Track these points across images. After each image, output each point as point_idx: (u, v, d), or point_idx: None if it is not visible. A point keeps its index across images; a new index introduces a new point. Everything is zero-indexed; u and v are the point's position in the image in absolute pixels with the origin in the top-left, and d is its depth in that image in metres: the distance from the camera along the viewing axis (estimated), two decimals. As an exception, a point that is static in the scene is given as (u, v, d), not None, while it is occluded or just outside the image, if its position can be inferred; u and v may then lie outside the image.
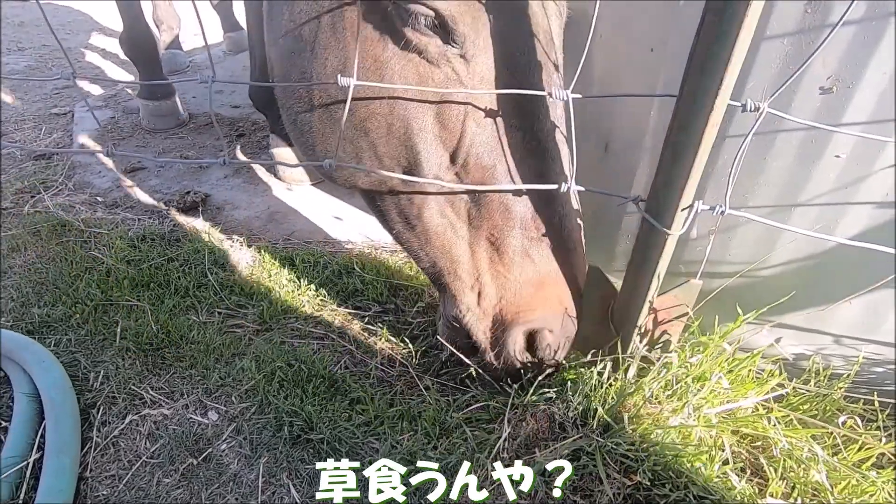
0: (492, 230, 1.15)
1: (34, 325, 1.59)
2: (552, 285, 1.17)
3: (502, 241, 1.15)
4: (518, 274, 1.16)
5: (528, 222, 1.15)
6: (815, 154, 1.19)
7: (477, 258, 1.18)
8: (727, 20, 0.84)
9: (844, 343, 1.40)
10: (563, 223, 1.17)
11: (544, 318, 1.17)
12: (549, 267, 1.17)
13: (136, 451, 1.25)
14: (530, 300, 1.16)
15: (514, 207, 1.14)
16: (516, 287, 1.16)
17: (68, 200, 2.40)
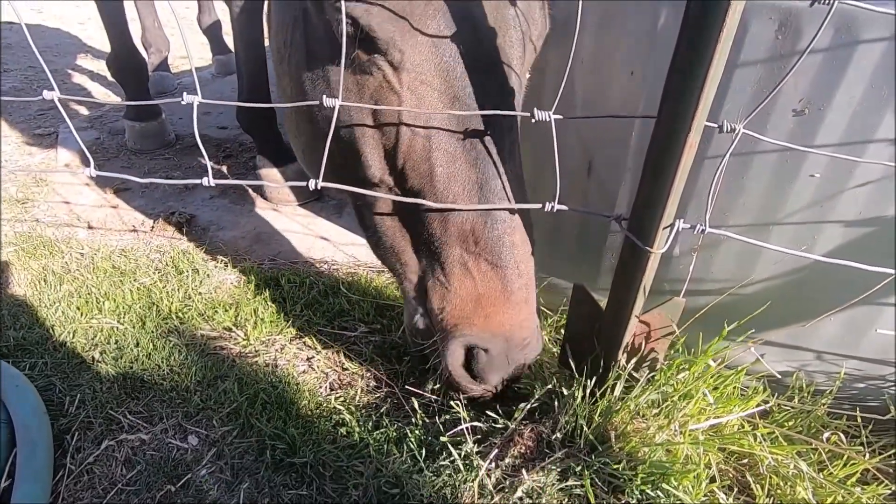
0: (431, 240, 1.15)
1: (9, 349, 1.55)
2: (494, 305, 1.14)
3: (441, 252, 1.15)
4: (458, 286, 1.14)
5: (466, 236, 1.13)
6: (791, 174, 1.23)
7: (422, 265, 1.19)
8: (702, 45, 0.87)
9: (826, 359, 1.42)
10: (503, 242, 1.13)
11: (481, 336, 1.13)
12: (489, 286, 1.13)
13: (112, 478, 1.20)
14: (469, 314, 1.14)
15: (452, 219, 1.12)
16: (456, 300, 1.15)
17: (50, 220, 2.37)
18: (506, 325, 1.13)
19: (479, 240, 1.12)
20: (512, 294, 1.13)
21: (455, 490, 1.16)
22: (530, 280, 1.18)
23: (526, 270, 1.16)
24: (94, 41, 5.57)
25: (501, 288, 1.13)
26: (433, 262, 1.16)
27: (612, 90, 1.39)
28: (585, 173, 1.55)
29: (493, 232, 1.12)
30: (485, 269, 1.13)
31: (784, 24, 1.11)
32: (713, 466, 1.13)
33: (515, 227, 1.15)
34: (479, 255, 1.12)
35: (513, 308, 1.14)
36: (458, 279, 1.14)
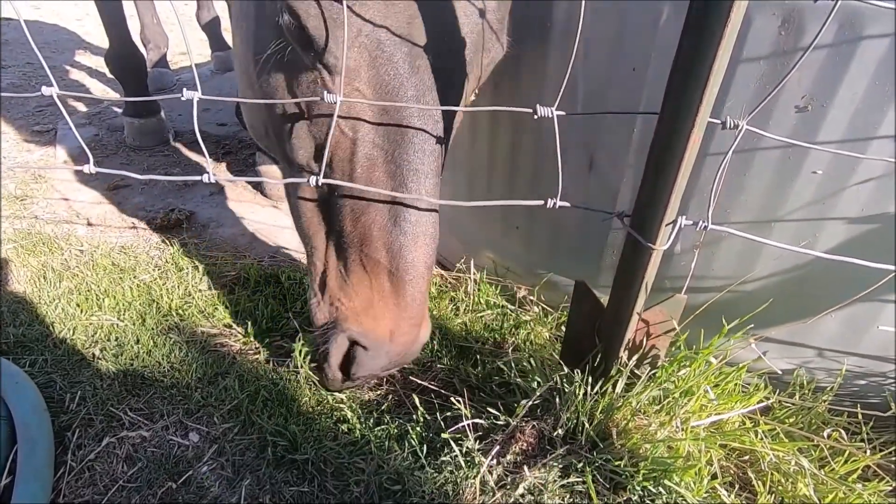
0: (340, 233, 1.18)
1: (9, 345, 1.54)
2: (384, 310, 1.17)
3: (346, 247, 1.18)
4: (355, 282, 1.18)
5: (370, 240, 1.15)
6: (793, 171, 1.22)
7: (328, 255, 1.23)
8: (705, 42, 0.87)
9: (827, 356, 1.42)
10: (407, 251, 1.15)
11: (364, 335, 1.17)
12: (384, 290, 1.16)
13: (113, 475, 1.20)
14: (360, 313, 1.17)
15: (361, 219, 1.15)
16: (351, 294, 1.18)
17: (49, 217, 2.36)
18: (391, 331, 1.17)
19: (383, 246, 1.15)
20: (404, 303, 1.17)
21: (457, 487, 1.16)
22: (425, 292, 1.21)
23: (422, 283, 1.19)
24: (92, 37, 5.54)
25: (395, 296, 1.16)
26: (339, 254, 1.21)
27: (614, 85, 1.38)
28: (587, 170, 1.54)
29: (397, 242, 1.15)
30: (383, 276, 1.16)
31: (787, 20, 1.10)
32: (715, 463, 1.13)
33: (419, 243, 1.17)
34: (379, 260, 1.16)
35: (401, 316, 1.17)
36: (357, 277, 1.18)
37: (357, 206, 1.15)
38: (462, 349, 1.64)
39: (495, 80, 1.67)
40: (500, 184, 1.81)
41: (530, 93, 1.58)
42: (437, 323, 1.74)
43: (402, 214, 1.15)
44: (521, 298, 1.83)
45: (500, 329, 1.70)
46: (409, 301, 1.17)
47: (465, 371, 1.52)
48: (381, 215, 1.14)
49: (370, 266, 1.16)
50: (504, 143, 1.73)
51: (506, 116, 1.67)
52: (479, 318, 1.78)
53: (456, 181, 1.98)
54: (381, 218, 1.14)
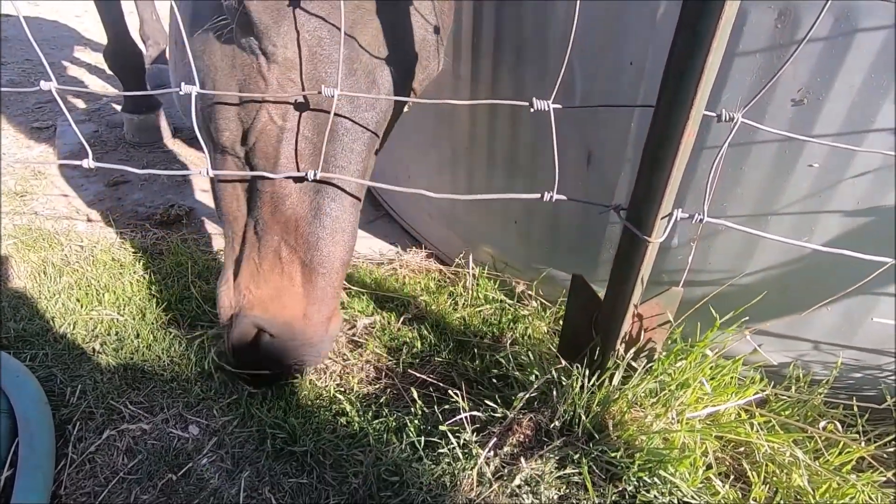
0: (258, 219, 1.18)
1: (10, 340, 1.55)
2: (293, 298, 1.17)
3: (263, 234, 1.18)
4: (267, 270, 1.18)
5: (289, 229, 1.16)
6: (789, 164, 1.23)
7: (245, 241, 1.23)
8: (700, 35, 0.87)
9: (823, 349, 1.43)
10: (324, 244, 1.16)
11: (270, 322, 1.17)
12: (296, 280, 1.17)
13: (114, 467, 1.21)
14: (268, 300, 1.17)
15: (280, 208, 1.15)
16: (262, 283, 1.18)
17: (49, 213, 2.37)
18: (298, 319, 1.17)
19: (300, 238, 1.16)
20: (314, 296, 1.17)
21: (454, 478, 1.17)
22: (338, 287, 1.22)
23: (335, 278, 1.20)
24: (91, 34, 5.53)
25: (306, 287, 1.17)
26: (255, 242, 1.20)
27: (611, 79, 1.39)
28: (584, 164, 1.55)
29: (314, 235, 1.16)
30: (296, 265, 1.17)
31: (783, 12, 1.11)
32: (710, 454, 1.14)
33: (337, 238, 1.18)
34: (295, 251, 1.16)
35: (310, 307, 1.18)
36: (270, 264, 1.18)
37: (278, 194, 1.15)
38: (460, 343, 1.65)
39: (495, 75, 1.67)
40: (499, 178, 1.82)
41: (530, 87, 1.58)
42: (436, 317, 1.75)
43: (323, 208, 1.15)
44: (520, 293, 1.84)
45: (498, 323, 1.71)
46: (319, 294, 1.18)
47: (464, 365, 1.53)
48: (301, 206, 1.15)
49: (285, 255, 1.17)
50: (503, 138, 1.73)
51: (505, 111, 1.68)
52: (477, 313, 1.78)
53: (455, 176, 1.99)
54: (301, 209, 1.15)
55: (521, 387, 1.33)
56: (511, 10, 1.53)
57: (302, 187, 1.15)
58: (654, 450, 1.12)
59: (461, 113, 1.83)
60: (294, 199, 1.15)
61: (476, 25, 1.65)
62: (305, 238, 1.15)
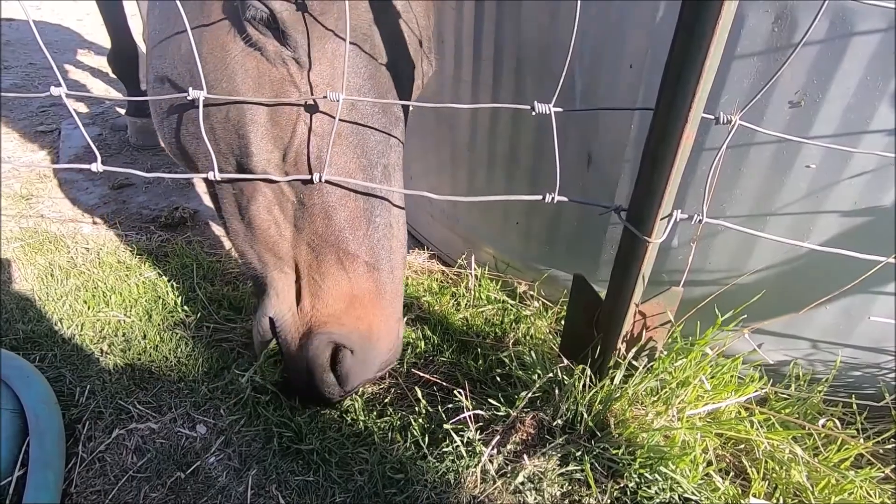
0: (312, 236, 1.14)
1: (18, 341, 1.57)
2: (364, 307, 1.14)
3: (320, 248, 1.14)
4: (331, 285, 1.14)
5: (346, 236, 1.13)
6: (787, 165, 1.25)
7: (298, 261, 1.17)
8: (698, 37, 0.89)
9: (822, 348, 1.45)
10: (382, 245, 1.16)
11: (349, 337, 1.13)
12: (363, 287, 1.14)
13: (123, 466, 1.23)
14: (340, 315, 1.13)
15: (334, 217, 1.13)
16: (328, 299, 1.14)
17: (55, 216, 2.39)
18: (375, 328, 1.15)
19: (361, 241, 1.14)
20: (384, 298, 1.15)
21: (458, 475, 1.19)
22: (401, 285, 1.20)
23: (399, 276, 1.19)
24: (94, 37, 5.57)
25: (375, 291, 1.14)
26: (309, 258, 1.15)
27: (611, 82, 1.41)
28: (585, 165, 1.57)
29: (375, 234, 1.15)
30: (361, 271, 1.14)
31: (780, 16, 1.13)
32: (710, 451, 1.16)
33: (395, 233, 1.18)
34: (356, 256, 1.13)
35: (384, 312, 1.16)
36: (334, 278, 1.13)
37: (330, 204, 1.12)
38: (463, 343, 1.66)
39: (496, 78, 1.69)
40: (500, 180, 1.84)
41: (531, 89, 1.60)
42: (439, 318, 1.77)
43: (378, 209, 1.15)
44: (522, 293, 1.86)
45: (500, 323, 1.73)
46: (389, 298, 1.16)
47: (467, 364, 1.55)
48: (357, 211, 1.13)
49: (348, 263, 1.13)
50: (504, 139, 1.75)
51: (506, 113, 1.70)
52: (479, 313, 1.80)
53: (456, 177, 2.01)
54: (357, 213, 1.14)
55: (523, 386, 1.35)
56: (511, 12, 1.55)
57: (349, 195, 1.13)
58: (654, 447, 1.13)
59: (462, 115, 1.85)
60: (348, 203, 1.13)
61: (477, 28, 1.68)
62: (366, 241, 1.13)
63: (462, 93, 1.83)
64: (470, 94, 1.79)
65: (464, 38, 1.73)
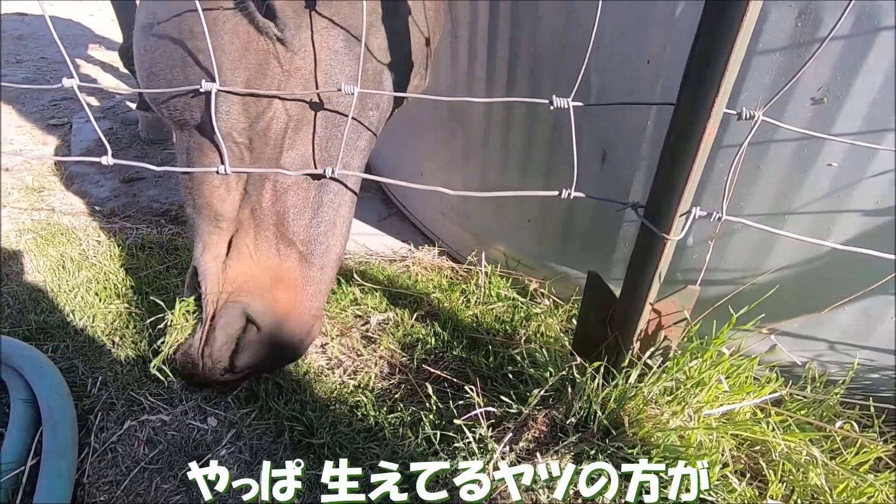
0: (257, 206, 1.16)
1: (31, 332, 1.58)
2: (286, 292, 1.15)
3: (261, 220, 1.15)
4: (262, 258, 1.16)
5: (289, 219, 1.14)
6: (808, 162, 1.23)
7: (238, 221, 1.19)
8: (722, 31, 0.87)
9: (840, 349, 1.43)
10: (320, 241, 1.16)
11: (263, 314, 1.14)
12: (291, 273, 1.15)
13: (135, 457, 1.23)
14: (261, 289, 1.15)
15: (283, 198, 1.14)
16: (255, 269, 1.16)
17: (67, 209, 2.40)
18: (291, 314, 1.16)
19: (301, 229, 1.15)
20: (307, 291, 1.16)
21: (470, 472, 1.18)
22: (328, 286, 1.21)
23: (328, 276, 1.20)
24: (104, 32, 5.60)
25: (301, 281, 1.16)
26: (250, 224, 1.17)
27: (628, 77, 1.39)
28: (600, 162, 1.55)
29: (316, 228, 1.16)
30: (293, 257, 1.15)
31: (804, 11, 1.11)
32: (726, 452, 1.14)
33: (336, 232, 1.19)
34: (293, 243, 1.15)
35: (303, 303, 1.17)
36: (266, 252, 1.16)
37: (281, 184, 1.14)
38: (473, 340, 1.65)
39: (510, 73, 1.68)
40: (513, 177, 1.82)
41: (546, 86, 1.59)
42: (449, 314, 1.76)
43: (325, 202, 1.15)
44: (533, 291, 1.85)
45: (511, 321, 1.72)
46: (313, 289, 1.17)
47: (478, 361, 1.54)
48: (304, 199, 1.14)
49: (282, 246, 1.15)
50: (518, 135, 1.74)
51: (520, 109, 1.68)
52: (489, 310, 1.79)
53: (468, 174, 2.00)
54: (303, 201, 1.14)
55: (535, 383, 1.34)
56: (527, 8, 1.54)
57: (303, 182, 1.15)
58: (670, 447, 1.12)
59: (476, 111, 1.83)
60: (298, 190, 1.14)
61: (492, 24, 1.66)
62: (306, 231, 1.15)
63: (476, 89, 1.81)
64: (484, 91, 1.78)
65: (479, 35, 1.72)
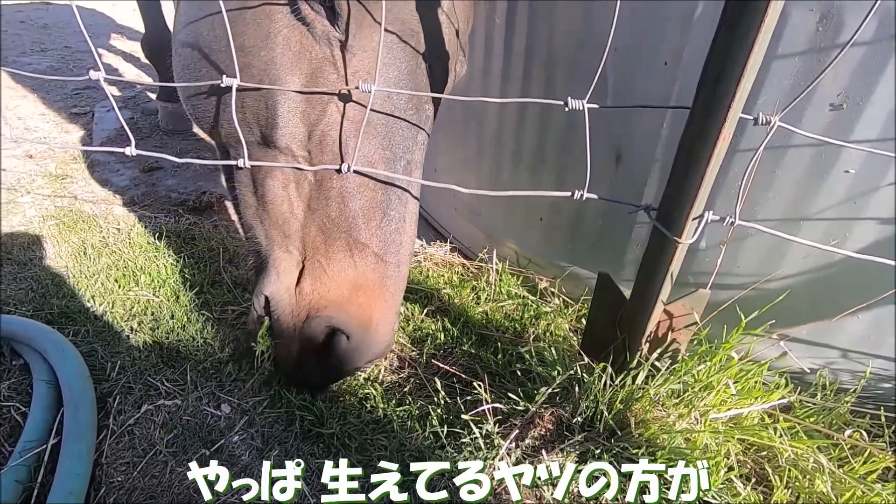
0: (325, 219, 1.14)
1: (53, 316, 1.63)
2: (367, 297, 1.14)
3: (330, 232, 1.14)
4: (337, 271, 1.14)
5: (359, 224, 1.13)
6: (825, 169, 1.22)
7: (305, 242, 1.17)
8: (741, 34, 0.87)
9: (851, 357, 1.41)
10: (393, 239, 1.16)
11: (348, 324, 1.14)
12: (369, 277, 1.14)
13: (151, 440, 1.27)
14: (342, 301, 1.14)
15: (351, 204, 1.13)
16: (332, 284, 1.14)
17: (88, 196, 2.46)
18: (376, 318, 1.15)
19: (374, 232, 1.14)
20: (388, 291, 1.16)
21: (476, 467, 1.20)
22: (405, 282, 1.21)
23: (404, 272, 1.19)
24: (126, 22, 5.68)
25: (380, 283, 1.15)
26: (318, 240, 1.15)
27: (644, 79, 1.39)
28: (613, 163, 1.55)
29: (388, 227, 1.15)
30: (369, 261, 1.14)
31: (826, 15, 1.10)
32: (732, 456, 1.15)
33: (406, 229, 1.19)
34: (366, 246, 1.14)
35: (386, 304, 1.16)
36: (340, 263, 1.14)
37: (348, 190, 1.13)
38: (482, 337, 1.67)
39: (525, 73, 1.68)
40: (525, 175, 1.83)
41: (560, 85, 1.59)
42: (458, 310, 1.77)
43: (395, 202, 1.16)
44: (542, 290, 1.85)
45: (520, 319, 1.73)
46: (392, 291, 1.17)
47: (486, 357, 1.55)
48: (374, 201, 1.14)
49: (357, 252, 1.13)
50: (531, 134, 1.74)
51: (534, 108, 1.69)
52: (499, 308, 1.80)
53: (481, 172, 2.01)
54: (373, 204, 1.14)
55: (542, 382, 1.35)
56: (544, 9, 1.54)
57: (368, 184, 1.14)
58: (676, 449, 1.13)
59: (490, 109, 1.84)
60: (364, 192, 1.13)
61: (509, 23, 1.67)
62: (378, 232, 1.14)
63: (491, 86, 1.82)
64: (499, 88, 1.79)
65: (495, 31, 1.72)
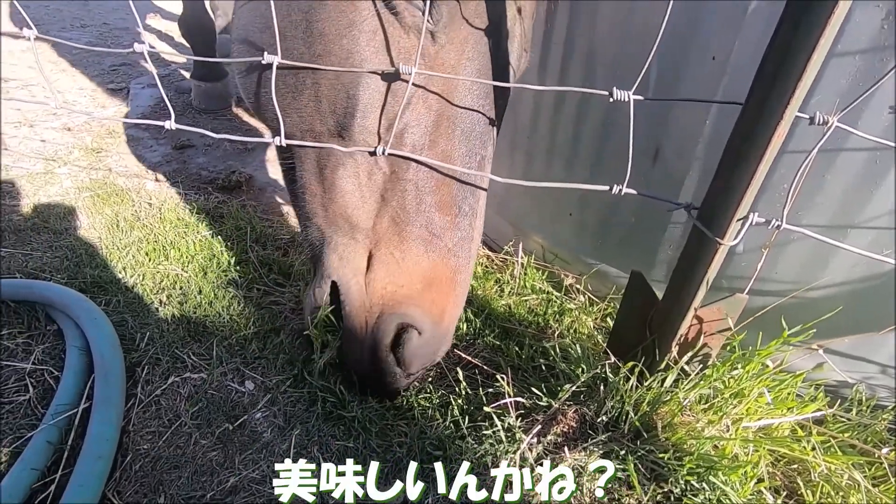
0: (400, 210, 1.11)
1: (86, 284, 1.66)
2: (440, 292, 1.12)
3: (405, 225, 1.11)
4: (411, 264, 1.11)
5: (435, 218, 1.11)
6: (879, 175, 1.16)
7: (377, 233, 1.13)
8: (804, 30, 0.83)
9: (891, 374, 1.36)
10: (466, 233, 1.14)
11: (421, 320, 1.11)
12: (442, 271, 1.12)
13: (176, 411, 1.29)
14: (415, 296, 1.11)
15: (428, 198, 1.11)
16: (405, 277, 1.11)
17: (122, 171, 2.51)
18: (447, 313, 1.14)
19: (448, 225, 1.12)
20: (459, 285, 1.14)
21: (496, 459, 1.19)
22: (472, 272, 1.20)
23: (472, 266, 1.19)
24: (162, 2, 5.75)
25: (452, 277, 1.13)
26: (391, 232, 1.12)
27: (689, 74, 1.34)
28: (651, 159, 1.51)
29: (462, 221, 1.13)
30: (443, 255, 1.12)
31: (892, 12, 1.04)
32: (762, 467, 1.11)
33: (477, 224, 1.18)
34: (441, 240, 1.11)
35: (457, 299, 1.15)
36: (415, 257, 1.11)
37: (427, 183, 1.11)
38: (505, 330, 1.65)
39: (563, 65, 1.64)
40: (558, 168, 1.80)
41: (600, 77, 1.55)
42: (482, 302, 1.76)
43: (469, 197, 1.15)
44: (568, 286, 1.83)
45: (543, 314, 1.71)
46: (463, 285, 1.16)
47: (509, 350, 1.54)
48: (450, 195, 1.12)
49: (431, 247, 1.11)
50: (566, 127, 1.71)
51: (571, 100, 1.65)
52: (523, 302, 1.78)
53: (513, 163, 1.98)
54: (450, 198, 1.12)
55: (566, 378, 1.33)
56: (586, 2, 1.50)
57: (446, 178, 1.13)
58: (704, 455, 1.10)
59: (525, 99, 1.81)
60: (442, 187, 1.12)
61: (549, 16, 1.63)
62: (453, 226, 1.12)
63: (528, 77, 1.78)
64: (535, 79, 1.75)
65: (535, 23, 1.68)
